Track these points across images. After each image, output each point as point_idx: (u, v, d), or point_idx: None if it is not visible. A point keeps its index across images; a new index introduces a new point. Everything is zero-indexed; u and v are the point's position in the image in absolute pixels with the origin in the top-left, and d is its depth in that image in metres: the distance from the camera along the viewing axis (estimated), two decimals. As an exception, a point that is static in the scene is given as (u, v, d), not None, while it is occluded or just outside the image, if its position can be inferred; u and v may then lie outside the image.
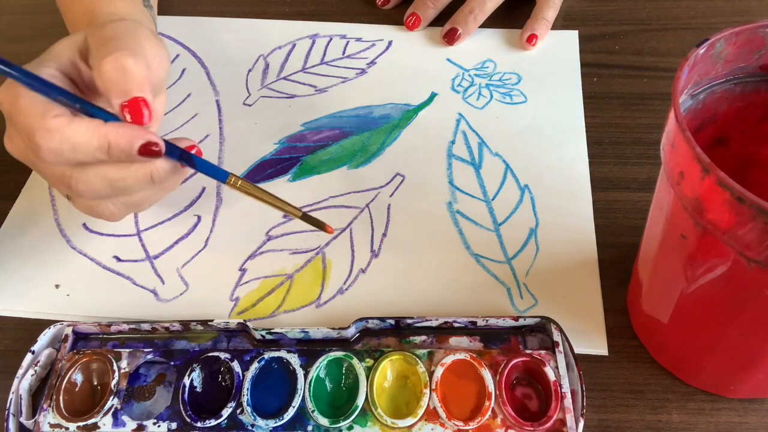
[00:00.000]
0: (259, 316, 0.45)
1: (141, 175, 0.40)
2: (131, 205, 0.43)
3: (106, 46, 0.39)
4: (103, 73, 0.38)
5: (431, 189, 0.51)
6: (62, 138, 0.37)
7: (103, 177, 0.39)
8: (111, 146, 0.38)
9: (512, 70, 0.59)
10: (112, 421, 0.40)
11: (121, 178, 0.40)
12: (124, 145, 0.38)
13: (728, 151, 0.39)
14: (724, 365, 0.37)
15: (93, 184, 0.39)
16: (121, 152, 0.38)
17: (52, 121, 0.37)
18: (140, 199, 0.43)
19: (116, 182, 0.40)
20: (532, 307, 0.44)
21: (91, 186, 0.39)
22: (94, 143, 0.38)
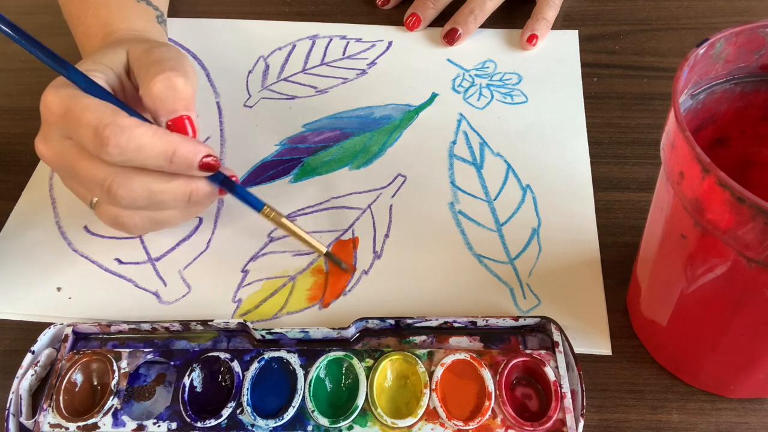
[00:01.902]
0: (262, 318, 0.45)
1: (181, 191, 0.41)
2: (155, 222, 0.43)
3: (156, 66, 0.41)
4: (153, 91, 0.40)
5: (433, 189, 0.51)
6: (131, 136, 0.38)
7: (145, 187, 0.40)
8: (176, 154, 0.40)
9: (513, 70, 0.59)
10: (112, 421, 0.40)
11: (161, 191, 0.41)
12: (188, 154, 0.40)
13: (728, 151, 0.39)
14: (724, 365, 0.37)
15: (133, 191, 0.40)
16: (184, 161, 0.40)
17: (125, 119, 0.39)
18: (167, 218, 0.43)
19: (156, 194, 0.41)
20: (535, 308, 0.44)
21: (130, 193, 0.40)
22: (160, 147, 0.39)
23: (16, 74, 0.62)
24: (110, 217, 0.43)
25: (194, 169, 0.41)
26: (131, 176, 0.40)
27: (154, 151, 0.39)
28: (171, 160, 0.40)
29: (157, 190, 0.41)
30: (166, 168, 0.40)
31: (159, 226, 0.44)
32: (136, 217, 0.42)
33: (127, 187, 0.40)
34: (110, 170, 0.40)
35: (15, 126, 0.58)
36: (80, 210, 0.51)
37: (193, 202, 0.42)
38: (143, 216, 0.43)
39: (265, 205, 0.44)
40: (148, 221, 0.43)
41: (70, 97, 0.39)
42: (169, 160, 0.40)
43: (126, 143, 0.38)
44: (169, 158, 0.40)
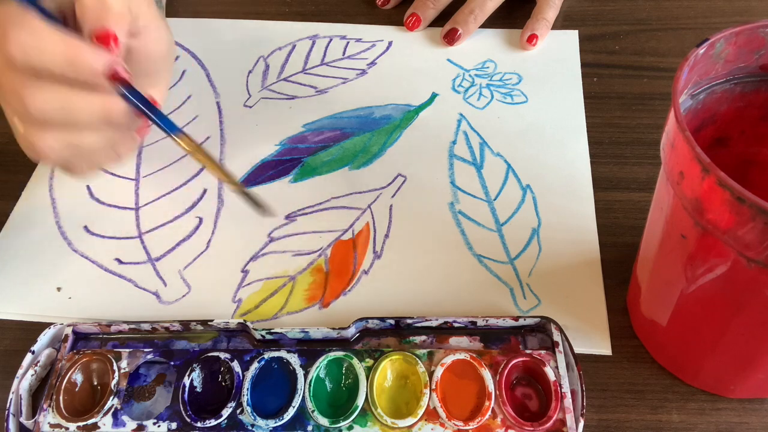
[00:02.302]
0: (262, 318, 0.45)
1: (96, 107, 0.39)
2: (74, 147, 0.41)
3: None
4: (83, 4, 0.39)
5: (433, 189, 0.51)
6: (34, 35, 0.37)
7: (57, 96, 0.38)
8: (78, 57, 0.37)
9: (513, 70, 0.59)
10: (112, 421, 0.40)
11: (74, 104, 0.39)
12: (91, 59, 0.38)
13: (728, 151, 0.39)
14: (724, 365, 0.37)
15: (45, 101, 0.38)
16: (87, 67, 0.38)
17: (33, 21, 0.37)
18: (87, 143, 0.41)
19: (69, 108, 0.39)
20: (535, 308, 0.44)
21: (43, 104, 0.38)
22: (62, 50, 0.37)
23: (16, 74, 0.62)
24: (24, 139, 0.41)
25: (101, 78, 0.38)
26: (43, 84, 0.38)
27: (56, 54, 0.37)
28: (74, 63, 0.38)
29: (68, 99, 0.39)
30: (71, 74, 0.38)
31: (81, 155, 0.42)
32: (49, 138, 0.40)
33: (38, 97, 0.38)
34: (23, 78, 0.38)
35: (15, 126, 0.58)
36: (80, 210, 0.51)
37: (108, 120, 0.40)
38: (58, 137, 0.40)
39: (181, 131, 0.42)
40: (65, 144, 0.40)
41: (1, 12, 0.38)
42: (72, 64, 0.38)
43: (27, 41, 0.37)
44: (72, 62, 0.38)
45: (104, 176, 0.53)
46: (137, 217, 0.51)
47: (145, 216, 0.51)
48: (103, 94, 0.39)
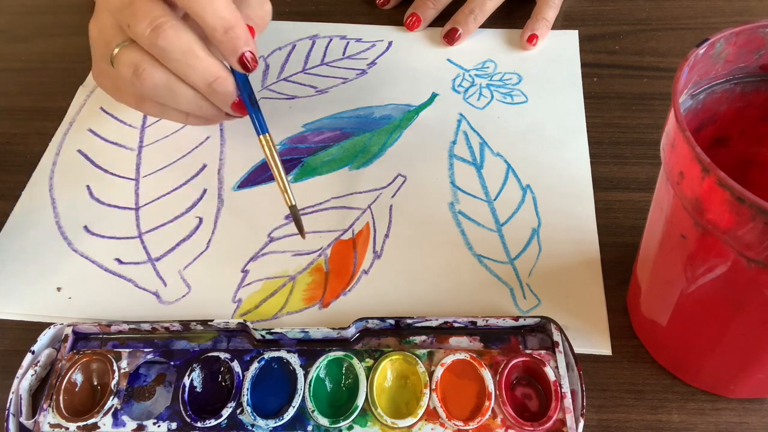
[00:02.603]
0: (262, 318, 0.45)
1: (212, 69, 0.43)
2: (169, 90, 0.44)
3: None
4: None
5: (433, 189, 0.51)
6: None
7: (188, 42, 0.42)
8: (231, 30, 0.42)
9: (513, 70, 0.59)
10: (112, 421, 0.40)
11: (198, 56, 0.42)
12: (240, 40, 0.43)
13: (728, 151, 0.39)
14: (724, 365, 0.37)
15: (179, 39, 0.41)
16: (231, 41, 0.42)
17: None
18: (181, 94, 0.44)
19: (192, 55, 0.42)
20: (535, 308, 0.44)
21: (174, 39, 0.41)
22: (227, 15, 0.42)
23: (16, 74, 0.62)
24: (132, 61, 0.43)
25: (236, 55, 0.43)
26: (186, 29, 0.42)
27: (221, 13, 0.41)
28: (226, 31, 0.42)
29: (196, 52, 0.42)
30: (217, 37, 0.42)
31: (168, 98, 0.44)
32: (157, 72, 0.43)
33: (177, 32, 0.41)
34: (169, 12, 0.42)
35: (15, 126, 0.58)
36: (80, 210, 0.51)
37: (212, 89, 0.44)
38: (163, 74, 0.43)
39: (268, 134, 0.46)
40: (165, 83, 0.43)
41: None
42: (224, 31, 0.42)
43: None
44: (226, 29, 0.42)
45: (104, 176, 0.53)
46: (137, 217, 0.51)
47: (145, 216, 0.51)
48: (223, 66, 0.44)
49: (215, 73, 0.43)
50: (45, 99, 0.60)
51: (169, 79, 0.43)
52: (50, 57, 0.64)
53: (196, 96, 0.45)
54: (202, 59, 0.43)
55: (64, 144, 0.56)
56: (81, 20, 0.66)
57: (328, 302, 0.46)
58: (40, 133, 0.57)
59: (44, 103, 0.59)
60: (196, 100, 0.45)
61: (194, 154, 0.54)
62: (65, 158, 0.55)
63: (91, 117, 0.58)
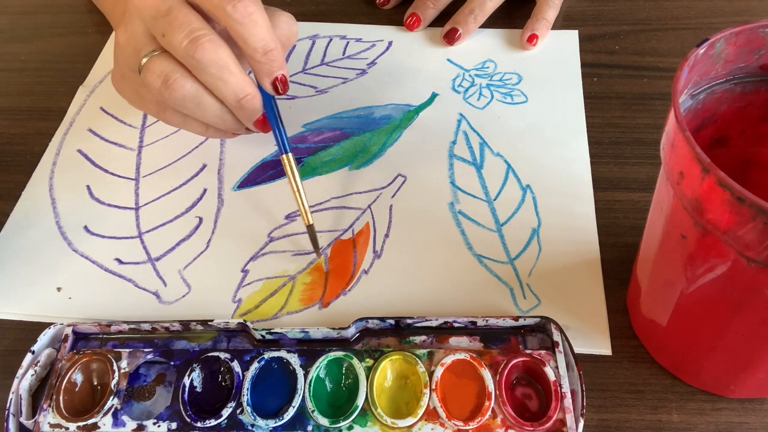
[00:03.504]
0: (262, 318, 0.45)
1: (243, 85, 0.44)
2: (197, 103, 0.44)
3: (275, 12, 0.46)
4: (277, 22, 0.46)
5: (433, 189, 0.51)
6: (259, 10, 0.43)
7: (225, 57, 0.43)
8: (270, 54, 0.44)
9: (513, 70, 0.59)
10: (112, 421, 0.40)
11: (232, 72, 0.43)
12: (276, 61, 0.44)
13: (728, 151, 0.39)
14: (724, 365, 0.37)
15: (215, 53, 0.42)
16: (268, 63, 0.44)
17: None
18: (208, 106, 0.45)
19: (226, 70, 0.43)
20: (535, 308, 0.44)
21: (211, 53, 0.42)
22: (267, 38, 0.43)
23: (16, 74, 0.62)
24: (163, 71, 0.43)
25: (270, 76, 0.45)
26: (221, 41, 0.42)
27: (262, 34, 0.43)
28: (265, 53, 0.43)
29: (231, 68, 0.43)
30: (256, 56, 0.43)
31: (195, 110, 0.45)
32: (188, 82, 0.43)
33: (215, 45, 0.42)
34: (206, 25, 0.42)
35: (15, 126, 0.58)
36: (80, 210, 0.51)
37: (240, 104, 0.44)
38: (194, 86, 0.43)
39: (291, 153, 0.47)
40: (194, 94, 0.44)
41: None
42: (263, 53, 0.43)
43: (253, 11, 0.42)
44: (264, 51, 0.43)
45: (104, 176, 0.53)
46: (137, 217, 0.51)
47: (145, 216, 0.51)
48: (253, 84, 0.45)
49: (246, 89, 0.44)
50: (45, 99, 0.60)
51: (198, 91, 0.44)
52: (50, 57, 0.64)
53: (222, 110, 0.45)
54: (236, 75, 0.43)
55: (64, 144, 0.56)
56: (81, 20, 0.67)
57: (328, 302, 0.46)
58: (40, 133, 0.57)
59: (44, 103, 0.59)
60: (221, 114, 0.46)
61: (194, 154, 0.54)
62: (65, 158, 0.55)
63: (91, 117, 0.58)
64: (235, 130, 0.48)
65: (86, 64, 0.62)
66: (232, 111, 0.46)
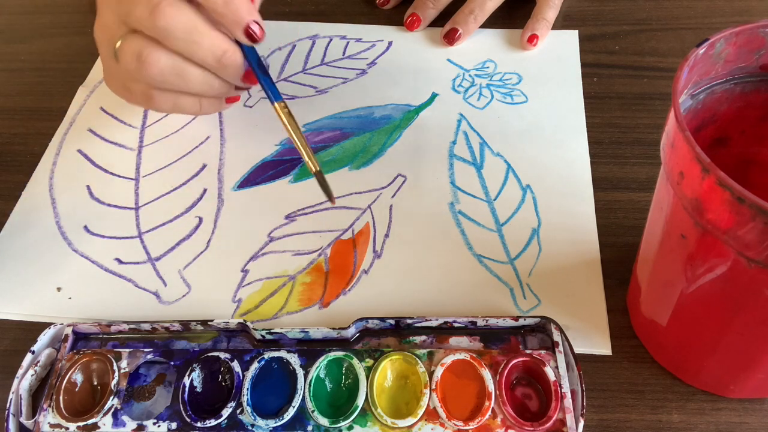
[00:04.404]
0: (262, 318, 0.45)
1: (217, 44, 0.42)
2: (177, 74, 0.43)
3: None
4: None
5: (433, 189, 0.51)
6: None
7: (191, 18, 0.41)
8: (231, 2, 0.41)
9: (513, 70, 0.59)
10: (112, 421, 0.40)
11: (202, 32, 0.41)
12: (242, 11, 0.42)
13: (728, 151, 0.39)
14: (724, 365, 0.37)
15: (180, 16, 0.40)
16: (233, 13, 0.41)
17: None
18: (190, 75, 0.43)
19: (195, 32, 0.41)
20: (535, 308, 0.44)
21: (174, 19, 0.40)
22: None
23: (16, 74, 0.62)
24: (135, 50, 0.42)
25: (240, 27, 0.42)
26: (182, 4, 0.41)
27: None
28: (227, 3, 0.41)
29: (200, 29, 0.41)
30: (219, 10, 0.41)
31: (178, 82, 0.44)
32: (162, 55, 0.42)
33: (177, 9, 0.40)
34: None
35: (15, 126, 0.58)
36: (80, 210, 0.51)
37: (221, 64, 0.43)
38: (169, 58, 0.42)
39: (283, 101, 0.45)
40: (172, 67, 0.43)
41: None
42: (224, 3, 0.41)
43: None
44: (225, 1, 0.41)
45: (104, 176, 0.53)
46: (137, 216, 0.51)
47: (145, 216, 0.51)
48: (229, 39, 0.42)
49: (223, 46, 0.42)
50: (45, 99, 0.60)
51: (175, 61, 0.42)
52: (50, 57, 0.64)
53: (206, 74, 0.44)
54: (207, 34, 0.42)
55: (64, 144, 0.56)
56: (81, 20, 0.67)
57: (328, 302, 0.46)
58: (40, 133, 0.57)
59: (44, 103, 0.59)
60: (206, 79, 0.44)
61: (194, 154, 0.54)
62: (65, 158, 0.55)
63: (91, 117, 0.58)
64: (225, 92, 0.47)
65: (86, 64, 0.62)
66: (216, 73, 0.44)
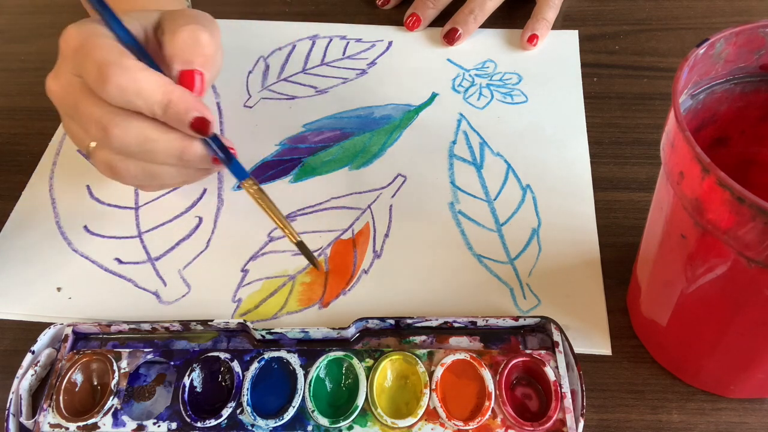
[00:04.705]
0: (262, 318, 0.45)
1: (174, 145, 0.41)
2: (150, 174, 0.43)
3: (184, 19, 0.42)
4: (175, 38, 0.41)
5: (433, 189, 0.51)
6: (132, 79, 0.39)
7: (140, 132, 0.40)
8: (170, 105, 0.39)
9: (513, 70, 0.59)
10: (112, 421, 0.40)
11: (154, 140, 0.40)
12: (182, 110, 0.40)
13: (728, 151, 0.39)
14: (724, 365, 0.37)
15: (127, 134, 0.40)
16: (176, 115, 0.40)
17: (129, 62, 0.39)
18: (161, 173, 0.43)
19: (149, 142, 0.40)
20: (535, 308, 0.44)
21: (124, 135, 0.40)
22: (158, 96, 0.39)
23: (16, 74, 0.62)
24: (105, 161, 0.42)
25: (186, 126, 0.40)
26: (129, 119, 0.40)
27: (152, 98, 0.39)
28: (165, 109, 0.39)
29: (150, 137, 0.40)
30: (161, 117, 0.40)
31: (154, 181, 0.44)
32: (130, 165, 0.42)
33: (122, 128, 0.40)
34: (109, 110, 0.40)
35: (15, 126, 0.58)
36: (80, 210, 0.51)
37: (184, 160, 0.42)
38: (137, 165, 0.42)
39: (250, 177, 0.44)
40: (142, 172, 0.43)
41: (88, 33, 0.40)
42: (164, 109, 0.39)
43: (126, 84, 0.38)
44: (164, 107, 0.39)
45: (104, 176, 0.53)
46: (137, 216, 0.51)
47: (145, 215, 0.51)
48: (183, 135, 0.41)
49: (178, 146, 0.41)
50: (45, 99, 0.59)
51: (144, 166, 0.42)
52: (50, 57, 0.63)
53: (177, 168, 0.43)
54: (159, 140, 0.40)
55: (64, 144, 0.56)
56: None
57: (327, 302, 0.46)
58: (40, 133, 0.57)
59: (44, 103, 0.59)
60: (179, 173, 0.44)
61: (194, 154, 0.54)
62: (65, 158, 0.55)
63: (91, 117, 0.58)
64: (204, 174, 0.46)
65: (86, 64, 0.62)
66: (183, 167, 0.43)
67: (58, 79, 0.42)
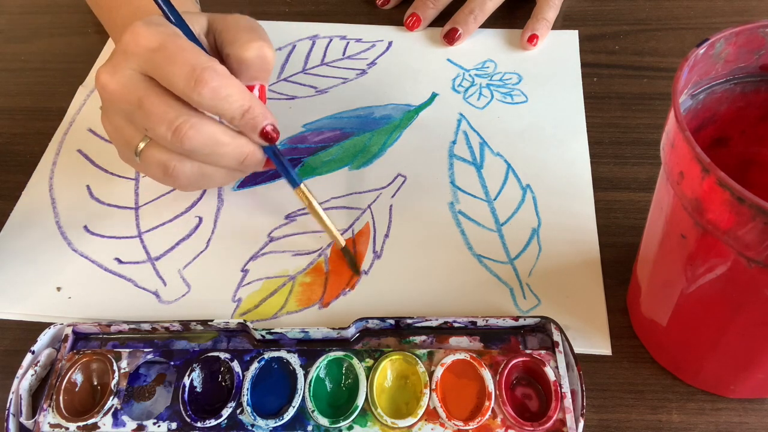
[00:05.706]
0: (262, 318, 0.45)
1: (240, 150, 0.43)
2: (202, 175, 0.44)
3: (249, 34, 0.44)
4: (245, 55, 0.43)
5: (433, 189, 0.51)
6: (225, 84, 0.40)
7: (213, 134, 0.41)
8: (248, 112, 0.41)
9: (513, 70, 0.59)
10: (112, 421, 0.40)
11: (225, 143, 0.42)
12: (258, 118, 0.42)
13: (728, 151, 0.39)
14: (724, 365, 0.37)
15: (202, 136, 0.41)
16: (252, 122, 0.42)
17: (219, 66, 0.40)
18: (214, 175, 0.44)
19: (219, 145, 0.42)
20: (535, 308, 0.44)
21: (199, 137, 0.41)
22: (241, 101, 0.41)
23: (16, 74, 0.62)
24: (159, 161, 0.42)
25: (256, 133, 0.42)
26: (203, 121, 0.41)
27: (236, 102, 0.40)
28: (243, 115, 0.41)
29: (221, 140, 0.41)
30: (237, 122, 0.41)
31: (203, 182, 0.45)
32: (186, 166, 0.43)
33: (198, 130, 0.40)
34: (185, 110, 0.40)
35: (15, 126, 0.58)
36: (80, 210, 0.51)
37: (244, 165, 0.43)
38: (194, 167, 0.43)
39: (303, 184, 0.46)
40: (197, 173, 0.43)
41: (167, 34, 0.40)
42: (242, 115, 0.41)
43: (219, 88, 0.39)
44: (243, 113, 0.41)
45: (104, 176, 0.53)
46: (137, 216, 0.51)
47: (145, 215, 0.51)
48: (249, 141, 0.43)
49: (243, 151, 0.43)
50: (45, 99, 0.60)
51: (200, 167, 0.43)
52: (50, 57, 0.64)
53: (230, 172, 0.45)
54: (229, 144, 0.42)
55: (64, 144, 0.56)
56: (81, 20, 0.67)
57: (328, 302, 0.46)
58: (40, 133, 0.57)
59: (44, 103, 0.59)
60: (228, 176, 0.45)
61: (194, 154, 0.54)
62: (65, 158, 0.55)
63: (91, 117, 0.58)
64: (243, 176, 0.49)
65: (86, 64, 0.62)
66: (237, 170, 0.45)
67: (116, 75, 0.41)
